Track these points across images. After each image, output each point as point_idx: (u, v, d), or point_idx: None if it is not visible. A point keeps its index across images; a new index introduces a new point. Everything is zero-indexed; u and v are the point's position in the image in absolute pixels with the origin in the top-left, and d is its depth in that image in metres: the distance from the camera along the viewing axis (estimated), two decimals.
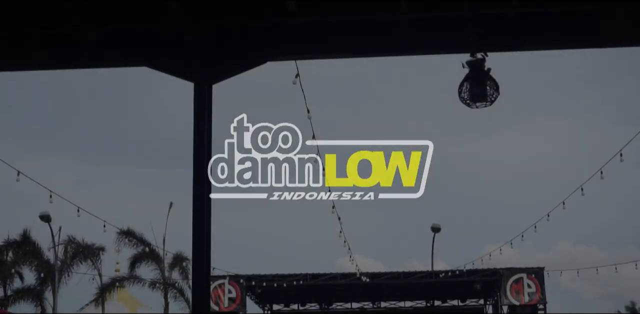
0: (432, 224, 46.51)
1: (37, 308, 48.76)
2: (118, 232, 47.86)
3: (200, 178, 6.58)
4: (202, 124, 6.65)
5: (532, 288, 36.52)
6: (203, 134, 6.63)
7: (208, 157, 6.63)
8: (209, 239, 6.43)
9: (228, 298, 37.75)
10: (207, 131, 6.63)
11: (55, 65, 9.07)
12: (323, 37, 8.59)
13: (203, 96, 6.68)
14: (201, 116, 6.66)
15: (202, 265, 6.39)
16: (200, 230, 6.42)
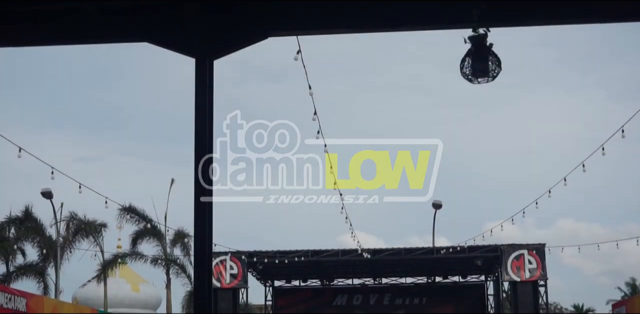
0: (433, 200, 46.50)
1: (40, 284, 48.93)
2: (120, 208, 47.98)
3: (202, 155, 6.56)
4: (203, 99, 6.61)
5: (533, 264, 36.60)
6: (204, 110, 6.60)
7: (209, 133, 6.61)
8: (211, 216, 6.41)
9: (230, 274, 37.87)
10: (209, 106, 6.60)
11: (55, 41, 9.03)
12: (324, 13, 8.54)
13: (204, 71, 6.65)
14: (202, 91, 6.63)
15: (203, 241, 6.38)
16: (201, 206, 6.40)
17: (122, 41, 8.98)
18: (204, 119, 6.57)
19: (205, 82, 6.63)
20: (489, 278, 42.96)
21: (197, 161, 6.52)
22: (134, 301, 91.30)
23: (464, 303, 43.01)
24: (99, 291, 56.15)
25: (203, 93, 6.62)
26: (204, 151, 6.55)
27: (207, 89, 6.61)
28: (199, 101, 6.63)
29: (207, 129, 6.57)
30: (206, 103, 6.59)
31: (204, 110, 6.60)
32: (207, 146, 6.55)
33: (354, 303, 43.44)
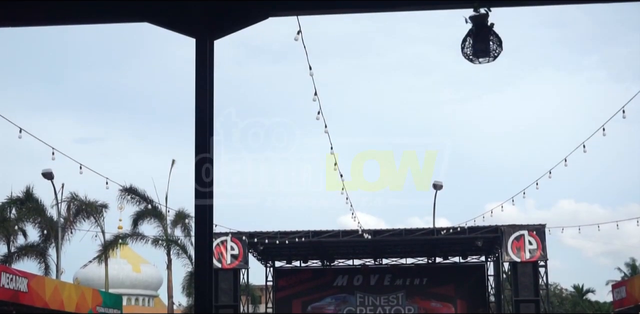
0: (433, 181, 46.55)
1: (41, 264, 49.04)
2: (120, 189, 48.04)
3: (202, 135, 6.55)
4: (204, 80, 6.59)
5: (533, 245, 36.67)
6: (205, 90, 6.58)
7: (210, 114, 6.60)
8: (212, 196, 6.41)
9: (230, 254, 37.94)
10: (209, 87, 6.58)
11: (56, 21, 8.99)
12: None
13: (204, 52, 6.62)
14: (203, 71, 6.61)
15: (204, 222, 6.38)
16: (202, 187, 6.40)
17: (122, 21, 8.94)
18: (205, 99, 6.56)
19: (205, 63, 6.61)
20: (489, 259, 43.05)
21: (197, 142, 6.51)
22: (135, 282, 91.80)
23: (464, 283, 43.13)
24: (100, 272, 56.34)
25: (203, 73, 6.60)
26: (204, 132, 6.54)
27: (208, 69, 6.59)
28: (200, 81, 6.61)
29: (208, 110, 6.56)
30: (207, 83, 6.57)
31: (205, 90, 6.58)
32: (207, 127, 6.54)
33: (354, 283, 43.58)
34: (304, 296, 43.61)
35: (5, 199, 49.27)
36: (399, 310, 42.91)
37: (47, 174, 43.80)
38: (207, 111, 6.56)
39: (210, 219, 6.39)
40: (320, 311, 43.30)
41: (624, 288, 30.85)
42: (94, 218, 49.92)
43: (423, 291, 43.13)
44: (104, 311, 27.90)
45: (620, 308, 31.68)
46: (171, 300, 52.97)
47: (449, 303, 42.97)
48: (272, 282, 44.40)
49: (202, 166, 6.47)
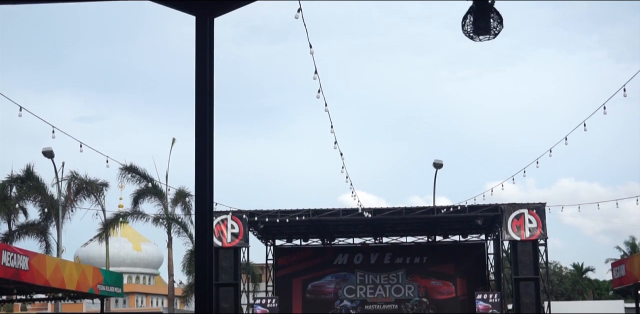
0: (434, 160, 46.61)
1: (42, 243, 49.20)
2: (121, 168, 48.11)
3: (202, 115, 6.53)
4: (204, 58, 6.56)
5: (533, 224, 36.72)
6: (205, 69, 6.55)
7: (210, 92, 6.58)
8: (212, 175, 6.40)
9: (231, 233, 38.02)
10: (209, 65, 6.56)
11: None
12: None
13: (204, 30, 6.58)
14: (203, 50, 6.57)
15: (204, 200, 6.36)
16: (202, 165, 6.38)
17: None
18: (205, 77, 6.54)
19: (205, 41, 6.58)
20: (489, 237, 43.14)
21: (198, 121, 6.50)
22: (135, 260, 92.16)
23: (464, 262, 43.26)
24: (101, 250, 56.50)
25: (203, 51, 6.56)
26: (204, 111, 6.52)
27: (208, 47, 6.56)
28: (200, 59, 6.58)
29: (208, 89, 6.54)
30: (207, 62, 6.55)
31: (205, 68, 6.56)
32: (207, 105, 6.52)
33: (354, 262, 43.71)
34: (304, 274, 43.75)
35: (5, 178, 49.36)
36: (399, 288, 43.05)
37: (47, 152, 43.85)
38: (208, 89, 6.53)
39: (211, 197, 6.39)
40: (320, 290, 43.45)
41: (623, 267, 30.89)
42: (94, 197, 50.02)
43: (423, 270, 43.26)
44: (105, 289, 27.97)
45: (620, 286, 31.74)
46: (172, 278, 53.18)
47: (449, 281, 43.12)
48: (273, 260, 44.52)
49: (203, 145, 6.46)
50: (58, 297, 29.88)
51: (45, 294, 29.07)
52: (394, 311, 42.76)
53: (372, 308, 42.97)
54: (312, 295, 43.43)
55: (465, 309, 41.49)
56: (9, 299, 30.61)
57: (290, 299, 43.06)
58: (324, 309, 43.02)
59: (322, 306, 43.08)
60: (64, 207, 47.95)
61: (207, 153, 6.40)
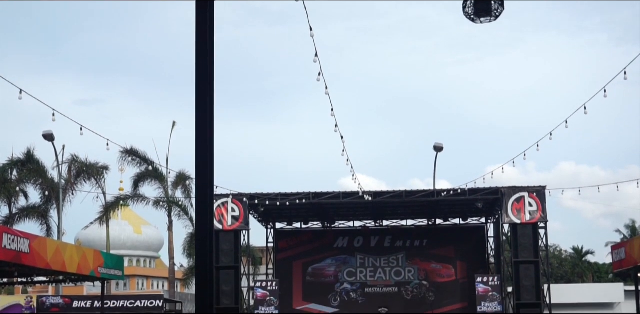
0: (434, 143, 46.60)
1: (42, 226, 49.26)
2: (121, 151, 48.12)
3: (203, 97, 6.53)
4: (204, 40, 6.55)
5: (533, 207, 36.74)
6: (205, 52, 6.54)
7: (211, 75, 6.57)
8: (212, 157, 6.40)
9: (231, 216, 38.05)
10: (210, 48, 6.55)
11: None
12: None
13: (204, 12, 6.57)
14: (203, 32, 6.56)
15: (205, 183, 6.37)
16: (203, 148, 6.38)
17: None
18: (205, 60, 6.53)
19: (206, 23, 6.57)
20: (489, 220, 43.19)
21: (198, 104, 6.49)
22: (136, 243, 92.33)
23: (464, 245, 43.33)
24: (102, 233, 56.63)
25: (204, 34, 6.55)
26: (205, 94, 6.51)
27: (208, 30, 6.55)
28: (200, 42, 6.57)
29: (208, 71, 6.53)
30: (207, 44, 6.53)
31: (205, 51, 6.54)
32: (208, 88, 6.52)
33: (354, 245, 43.78)
34: (304, 257, 43.83)
35: (6, 161, 49.37)
36: (399, 271, 43.14)
37: (47, 135, 43.82)
38: (208, 72, 6.52)
39: (211, 180, 6.39)
40: (320, 273, 43.54)
41: (623, 250, 30.90)
42: (94, 180, 50.04)
43: (423, 253, 43.34)
44: (106, 272, 28.02)
45: (620, 269, 31.76)
46: (172, 261, 53.31)
47: (449, 265, 43.20)
48: (273, 243, 44.59)
49: (203, 128, 6.46)
50: (59, 280, 29.92)
51: (46, 276, 29.11)
52: (394, 294, 42.87)
53: (372, 291, 43.08)
54: (313, 278, 43.53)
55: (465, 292, 41.60)
56: (9, 282, 30.68)
57: (290, 282, 43.17)
58: (325, 292, 43.13)
59: (322, 289, 43.19)
60: (65, 191, 47.97)
61: (208, 136, 6.40)
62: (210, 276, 6.34)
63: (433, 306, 42.51)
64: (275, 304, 38.47)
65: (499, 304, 37.28)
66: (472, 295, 38.73)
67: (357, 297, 43.08)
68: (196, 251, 6.48)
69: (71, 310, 39.93)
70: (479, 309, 37.32)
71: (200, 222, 6.38)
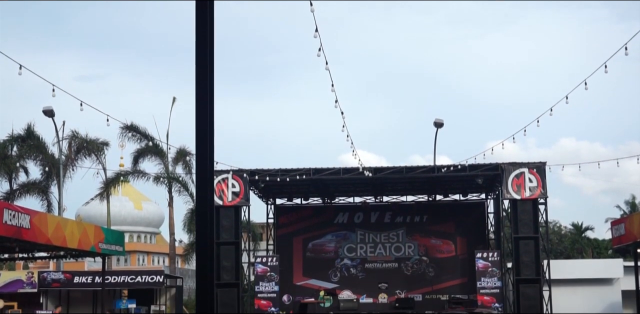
0: (434, 119, 46.58)
1: (43, 201, 49.32)
2: (121, 127, 48.04)
3: (203, 72, 6.51)
4: (204, 15, 6.52)
5: (534, 183, 36.77)
6: (205, 27, 6.51)
7: (211, 51, 6.54)
8: (212, 133, 6.39)
9: (232, 192, 38.08)
10: (209, 23, 6.52)
11: None
12: None
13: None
14: (203, 8, 6.53)
15: (205, 159, 6.36)
16: (203, 123, 6.37)
17: None
18: (205, 36, 6.50)
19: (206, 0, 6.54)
20: (489, 196, 43.24)
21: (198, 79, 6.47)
22: (137, 219, 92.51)
23: (464, 220, 43.42)
24: (102, 209, 56.67)
25: (203, 9, 6.52)
26: (205, 69, 6.49)
27: (208, 6, 6.52)
28: (200, 17, 6.54)
29: (208, 47, 6.51)
30: (207, 20, 6.51)
31: (205, 27, 6.52)
32: (208, 64, 6.50)
33: (355, 220, 43.88)
34: (304, 233, 43.95)
35: (6, 137, 49.35)
36: (399, 247, 43.26)
37: (48, 111, 43.78)
38: (208, 48, 6.50)
39: (211, 156, 6.38)
40: (321, 248, 43.66)
41: (622, 225, 31.00)
42: (95, 156, 50.03)
43: (423, 228, 43.44)
44: (107, 248, 28.11)
45: (619, 244, 31.88)
46: (173, 237, 53.38)
47: (449, 240, 43.32)
48: (273, 219, 44.68)
49: (203, 104, 6.45)
50: (60, 255, 30.04)
51: (47, 252, 29.22)
52: (394, 270, 43.02)
53: (372, 267, 43.23)
54: (313, 254, 43.66)
55: (465, 267, 41.74)
56: (10, 258, 30.80)
57: (290, 258, 43.30)
58: (325, 267, 43.28)
59: (322, 265, 43.33)
60: (65, 166, 47.97)
61: (208, 112, 6.39)
62: (211, 251, 6.35)
63: (433, 281, 42.68)
64: (276, 279, 38.61)
65: (499, 280, 37.41)
66: (472, 271, 38.86)
67: (357, 272, 43.24)
68: (196, 226, 6.49)
69: (72, 285, 40.08)
70: (479, 285, 37.46)
71: (201, 198, 6.38)
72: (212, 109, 6.35)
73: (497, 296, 37.16)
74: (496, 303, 36.86)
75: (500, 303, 37.03)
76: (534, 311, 35.88)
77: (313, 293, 41.86)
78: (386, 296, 42.50)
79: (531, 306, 35.96)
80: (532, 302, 36.04)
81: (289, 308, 41.00)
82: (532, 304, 36.01)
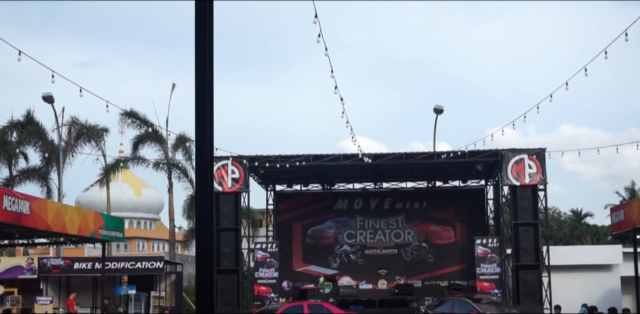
0: (434, 105, 46.54)
1: (43, 188, 49.35)
2: (121, 113, 48.02)
3: (202, 58, 6.49)
4: (204, 4, 6.51)
5: (533, 169, 36.76)
6: (205, 12, 6.50)
7: (210, 37, 6.53)
8: (212, 119, 6.38)
9: (231, 178, 38.08)
10: (209, 8, 6.50)
11: None
12: None
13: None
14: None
15: (205, 145, 6.36)
16: (203, 110, 6.36)
17: None
18: (205, 21, 6.48)
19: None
20: (489, 183, 43.24)
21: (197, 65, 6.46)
22: (136, 205, 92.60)
23: (464, 207, 43.43)
24: (102, 196, 56.75)
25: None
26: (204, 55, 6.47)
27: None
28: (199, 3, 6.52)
29: (208, 33, 6.49)
30: (207, 5, 6.49)
31: (205, 12, 6.50)
32: (207, 50, 6.48)
33: (354, 207, 43.89)
34: (304, 219, 43.97)
35: (6, 123, 49.34)
36: (399, 233, 43.30)
37: (47, 97, 43.75)
38: (207, 33, 6.48)
39: (211, 142, 6.38)
40: (320, 234, 43.70)
41: (622, 212, 30.98)
42: (94, 142, 50.03)
43: (423, 215, 43.46)
44: (107, 234, 28.12)
45: (618, 231, 31.88)
46: (172, 223, 53.45)
47: (449, 227, 43.36)
48: (273, 205, 44.70)
49: (203, 90, 6.44)
50: (59, 241, 30.04)
51: (47, 238, 29.23)
52: (393, 256, 43.08)
53: (371, 253, 43.28)
54: (313, 240, 43.70)
55: (465, 253, 41.79)
56: (10, 244, 30.82)
57: (290, 244, 43.36)
58: (324, 253, 43.33)
59: (322, 251, 43.38)
60: (65, 153, 47.98)
61: (207, 99, 6.38)
62: (211, 238, 6.36)
63: (432, 267, 42.75)
64: (275, 265, 38.66)
65: (498, 266, 37.46)
66: (471, 257, 38.90)
67: (356, 259, 43.30)
68: (196, 213, 6.49)
69: (72, 271, 40.17)
70: (478, 271, 37.51)
71: (200, 185, 6.37)
72: (211, 96, 6.33)
73: (496, 282, 37.21)
74: (495, 289, 36.92)
75: (499, 289, 37.08)
76: (533, 297, 35.96)
77: (313, 279, 41.93)
78: (386, 282, 42.57)
79: (530, 292, 36.03)
80: (532, 288, 36.11)
81: (288, 294, 41.08)
82: (532, 290, 36.08)
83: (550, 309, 35.51)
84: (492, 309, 31.71)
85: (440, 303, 33.59)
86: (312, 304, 33.98)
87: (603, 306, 33.37)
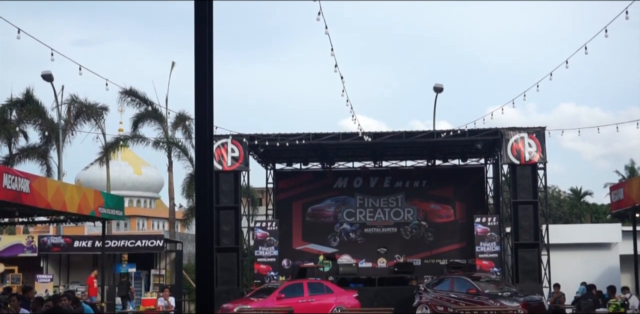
0: (434, 84, 46.48)
1: (43, 166, 49.40)
2: (120, 91, 48.00)
3: (202, 36, 6.47)
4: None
5: (533, 147, 36.76)
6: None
7: (210, 14, 6.50)
8: (212, 98, 6.37)
9: (231, 156, 38.09)
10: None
11: None
12: None
13: None
14: None
15: (204, 123, 6.35)
16: (202, 88, 6.35)
17: None
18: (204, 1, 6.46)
19: None
20: (488, 161, 43.25)
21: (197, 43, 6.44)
22: (136, 184, 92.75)
23: (464, 185, 43.46)
24: (102, 174, 56.81)
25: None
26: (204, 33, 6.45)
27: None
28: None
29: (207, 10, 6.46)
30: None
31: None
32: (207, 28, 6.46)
33: (354, 185, 43.92)
34: (304, 198, 44.01)
35: (5, 101, 49.31)
36: (399, 212, 43.35)
37: (46, 75, 43.70)
38: (207, 11, 6.46)
39: (211, 120, 6.37)
40: (320, 213, 43.76)
41: (621, 190, 31.02)
42: (94, 120, 50.02)
43: (422, 193, 43.49)
44: (106, 212, 28.15)
45: (618, 209, 31.94)
46: (172, 202, 53.56)
47: (448, 205, 43.40)
48: (273, 184, 44.73)
49: (202, 68, 6.42)
50: (59, 220, 30.09)
51: (47, 216, 29.27)
52: (393, 234, 43.15)
53: (371, 231, 43.35)
54: (312, 218, 43.76)
55: (464, 232, 41.85)
56: (10, 222, 30.87)
57: (290, 223, 43.42)
58: (324, 232, 43.40)
59: (322, 229, 43.45)
60: (64, 131, 47.97)
61: (207, 77, 6.36)
62: (210, 216, 6.37)
63: (432, 246, 42.85)
64: (275, 244, 38.73)
65: (497, 244, 37.53)
66: (471, 235, 38.97)
67: (356, 237, 43.37)
68: (196, 191, 6.49)
69: (72, 250, 40.24)
70: (477, 249, 37.59)
71: (200, 163, 6.38)
72: (211, 74, 6.32)
73: (495, 260, 37.30)
74: (495, 268, 37.02)
75: (498, 268, 37.18)
76: (532, 276, 36.07)
77: (312, 257, 42.02)
78: (385, 260, 42.67)
79: (529, 270, 36.14)
80: (531, 266, 36.22)
81: (288, 272, 41.19)
82: (531, 268, 36.19)
83: (550, 287, 35.64)
84: (491, 287, 31.84)
85: (440, 281, 33.71)
86: (311, 282, 34.11)
87: (602, 285, 33.49)
